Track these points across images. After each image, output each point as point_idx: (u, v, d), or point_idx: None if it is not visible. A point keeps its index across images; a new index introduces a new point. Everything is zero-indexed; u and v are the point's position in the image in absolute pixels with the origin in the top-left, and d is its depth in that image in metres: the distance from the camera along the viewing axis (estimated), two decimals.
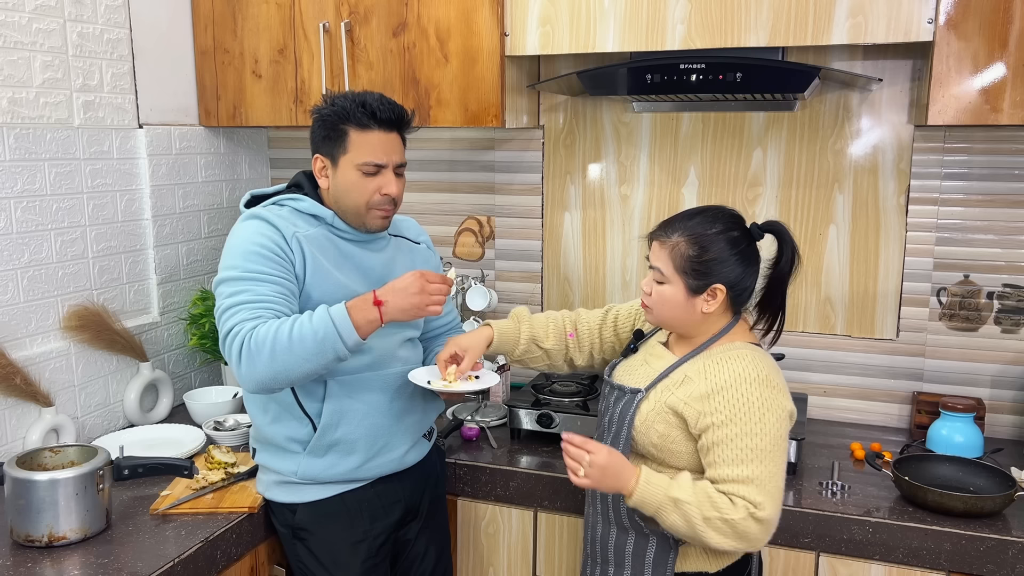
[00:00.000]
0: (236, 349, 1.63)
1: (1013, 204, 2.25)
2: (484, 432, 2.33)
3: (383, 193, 1.77)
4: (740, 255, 1.60)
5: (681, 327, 1.66)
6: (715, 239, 1.59)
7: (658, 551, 1.63)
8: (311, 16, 2.42)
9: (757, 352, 1.60)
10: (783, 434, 1.54)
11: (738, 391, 1.53)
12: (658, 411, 1.61)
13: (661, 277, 1.62)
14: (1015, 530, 1.80)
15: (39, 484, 1.67)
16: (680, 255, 1.59)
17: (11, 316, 2.07)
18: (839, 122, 2.35)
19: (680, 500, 1.51)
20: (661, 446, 1.61)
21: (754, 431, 1.51)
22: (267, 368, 1.62)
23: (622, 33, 2.17)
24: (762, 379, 1.54)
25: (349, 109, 1.74)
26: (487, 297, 2.60)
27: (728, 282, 1.59)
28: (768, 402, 1.52)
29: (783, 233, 1.64)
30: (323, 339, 1.62)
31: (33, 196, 2.11)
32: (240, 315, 1.65)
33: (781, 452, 1.53)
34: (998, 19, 1.89)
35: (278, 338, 1.61)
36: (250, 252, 1.70)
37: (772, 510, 1.50)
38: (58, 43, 2.17)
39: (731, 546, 1.51)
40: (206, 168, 2.68)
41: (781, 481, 1.53)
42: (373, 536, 1.85)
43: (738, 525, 1.48)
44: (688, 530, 1.52)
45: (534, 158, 2.66)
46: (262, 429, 1.86)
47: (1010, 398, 2.32)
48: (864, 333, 2.42)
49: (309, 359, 1.62)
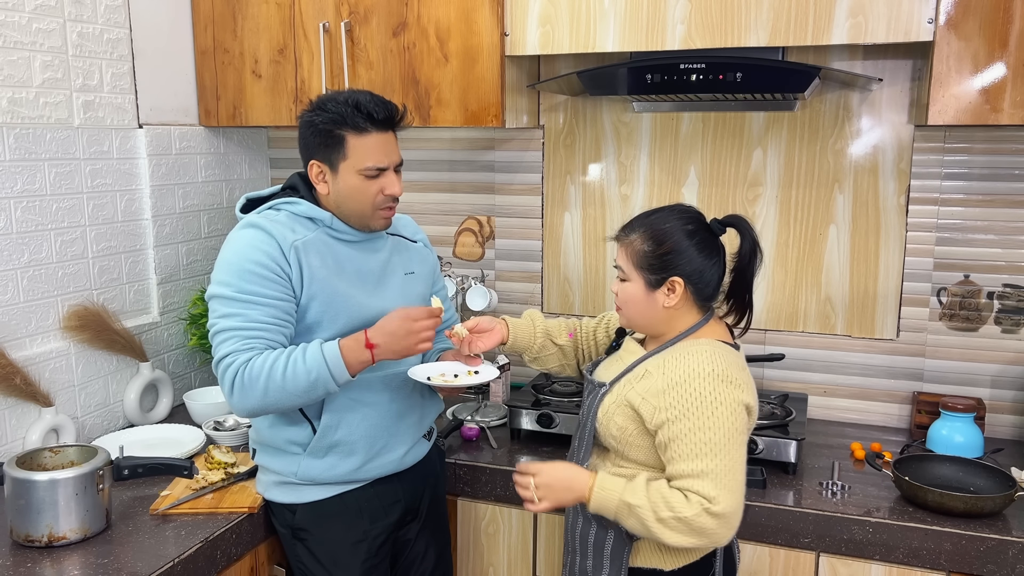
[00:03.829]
0: (229, 379, 1.67)
1: (1013, 204, 2.25)
2: (484, 432, 2.33)
3: (387, 193, 1.77)
4: (697, 247, 1.61)
5: (649, 325, 1.67)
6: (670, 232, 1.61)
7: (615, 543, 1.65)
8: (311, 16, 2.42)
9: (717, 348, 1.60)
10: (738, 427, 1.54)
11: (691, 386, 1.53)
12: (618, 404, 1.63)
13: (623, 275, 1.65)
14: (1015, 530, 1.80)
15: (39, 484, 1.67)
16: (636, 251, 1.62)
17: (11, 316, 2.07)
18: (839, 122, 2.35)
19: (633, 505, 1.52)
20: (620, 439, 1.63)
21: (707, 425, 1.51)
22: (259, 402, 1.67)
23: (622, 33, 2.17)
24: (716, 374, 1.54)
25: (344, 113, 1.72)
26: (487, 297, 2.60)
27: (685, 274, 1.60)
28: (721, 396, 1.53)
29: (742, 225, 1.65)
30: (315, 380, 1.66)
31: (33, 196, 2.11)
32: (233, 344, 1.67)
33: (737, 445, 1.53)
34: (998, 19, 1.89)
35: (272, 376, 1.64)
36: (245, 271, 1.70)
37: (728, 503, 1.49)
38: (58, 43, 2.17)
39: (691, 543, 1.51)
40: (206, 168, 2.68)
41: (739, 474, 1.53)
42: (373, 536, 1.85)
43: (693, 522, 1.48)
44: (645, 532, 1.54)
45: (534, 158, 2.66)
46: (262, 431, 1.86)
47: (1010, 398, 2.32)
48: (864, 333, 2.42)
49: (300, 396, 1.68)
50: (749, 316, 1.72)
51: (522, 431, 2.29)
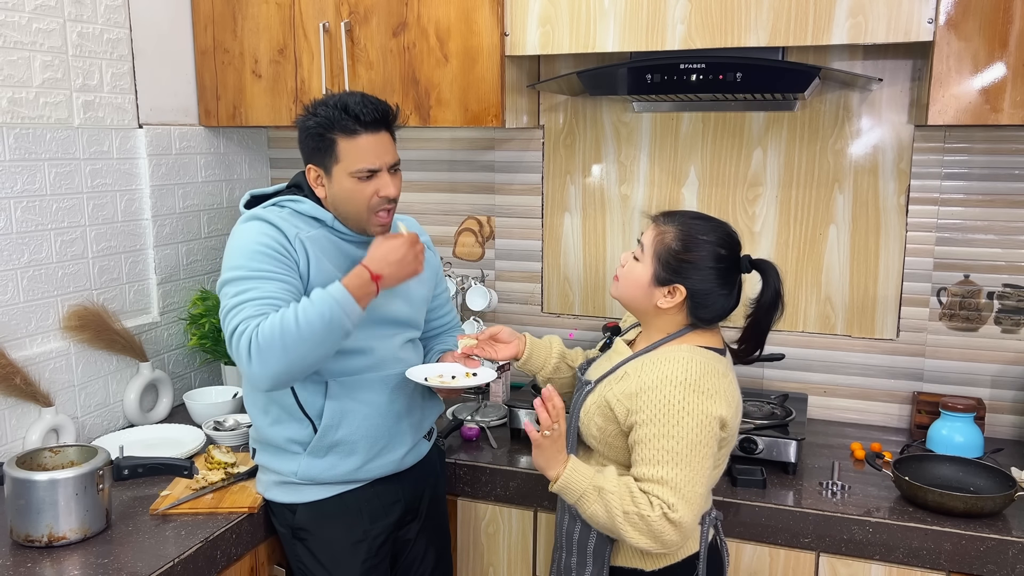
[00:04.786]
0: (244, 347, 1.61)
1: (1013, 204, 2.25)
2: (484, 432, 2.33)
3: (381, 195, 1.76)
4: (717, 272, 1.60)
5: (636, 309, 1.69)
6: (702, 245, 1.60)
7: (598, 541, 1.65)
8: (311, 16, 2.42)
9: (696, 356, 1.57)
10: (704, 439, 1.52)
11: (661, 392, 1.53)
12: (599, 404, 1.64)
13: (639, 254, 1.65)
14: (1015, 530, 1.80)
15: (39, 484, 1.66)
16: (663, 243, 1.61)
17: (11, 316, 2.07)
18: (839, 122, 2.35)
19: (604, 489, 1.53)
20: (600, 438, 1.64)
21: (671, 433, 1.51)
22: (281, 359, 1.60)
23: (622, 33, 2.17)
24: (689, 383, 1.52)
25: (332, 117, 1.71)
26: (487, 297, 2.60)
27: (692, 289, 1.59)
28: (690, 406, 1.51)
29: (770, 273, 1.63)
30: (330, 319, 1.61)
31: (33, 196, 2.11)
32: (244, 312, 1.64)
33: (700, 457, 1.52)
34: (998, 19, 1.89)
35: (285, 328, 1.59)
36: (254, 252, 1.70)
37: (686, 513, 1.49)
38: (58, 43, 2.17)
39: (646, 544, 1.51)
40: (206, 168, 2.68)
41: (699, 486, 1.52)
42: (373, 536, 1.85)
43: (653, 524, 1.49)
44: (607, 521, 1.53)
45: (534, 158, 2.66)
46: (262, 430, 1.86)
47: (1010, 398, 2.32)
48: (864, 333, 2.42)
49: (319, 343, 1.62)
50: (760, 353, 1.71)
51: (522, 431, 2.29)
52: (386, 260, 1.70)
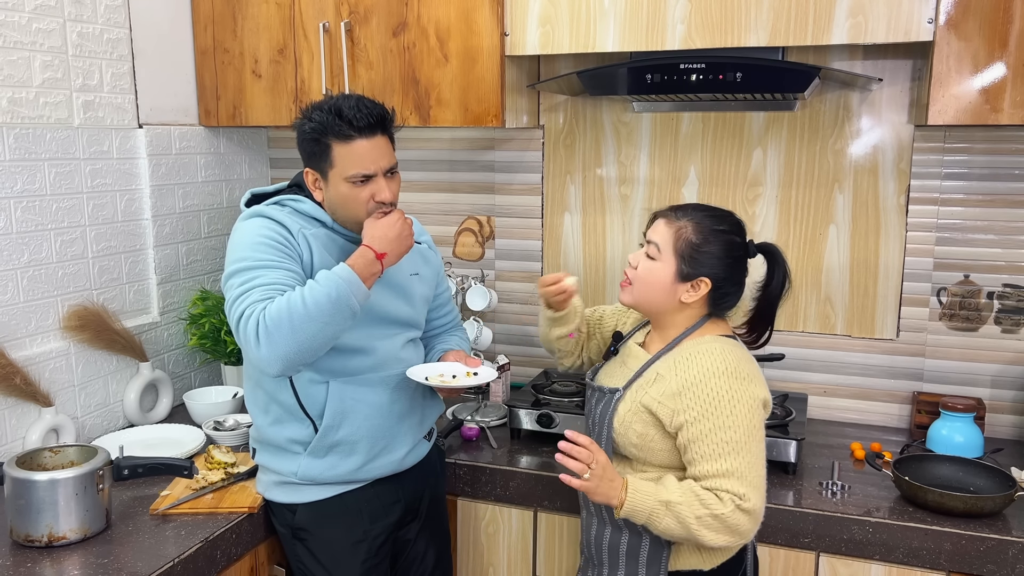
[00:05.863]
0: (252, 330, 1.59)
1: (1013, 204, 2.25)
2: (484, 432, 2.33)
3: (377, 200, 1.74)
4: (733, 260, 1.63)
5: (654, 310, 1.68)
6: (719, 236, 1.62)
7: (652, 549, 1.64)
8: (311, 16, 2.42)
9: (727, 344, 1.61)
10: (757, 423, 1.55)
11: (707, 386, 1.54)
12: (635, 411, 1.62)
13: (656, 253, 1.64)
14: (1015, 530, 1.80)
15: (39, 484, 1.66)
16: (683, 238, 1.61)
17: (11, 316, 2.07)
18: (839, 122, 2.35)
19: (672, 502, 1.52)
20: (641, 445, 1.63)
21: (727, 424, 1.52)
22: (289, 340, 1.58)
23: (622, 33, 2.17)
24: (731, 371, 1.55)
25: (327, 122, 1.69)
26: (487, 297, 2.60)
27: (717, 280, 1.62)
28: (738, 393, 1.53)
29: (776, 255, 1.67)
30: (337, 298, 1.60)
31: (33, 196, 2.11)
32: (251, 297, 1.63)
33: (757, 441, 1.54)
34: (998, 19, 1.89)
35: (293, 308, 1.58)
36: (258, 243, 1.70)
37: (757, 500, 1.51)
38: (58, 43, 2.17)
39: (725, 542, 1.52)
40: (206, 168, 2.68)
41: (762, 470, 1.55)
42: (373, 536, 1.85)
43: (728, 519, 1.49)
44: (682, 531, 1.52)
45: (534, 158, 2.66)
46: (263, 430, 1.85)
47: (1010, 398, 2.32)
48: (864, 333, 2.42)
49: (327, 323, 1.60)
50: (768, 338, 1.73)
51: (522, 431, 2.29)
52: (386, 237, 1.69)
